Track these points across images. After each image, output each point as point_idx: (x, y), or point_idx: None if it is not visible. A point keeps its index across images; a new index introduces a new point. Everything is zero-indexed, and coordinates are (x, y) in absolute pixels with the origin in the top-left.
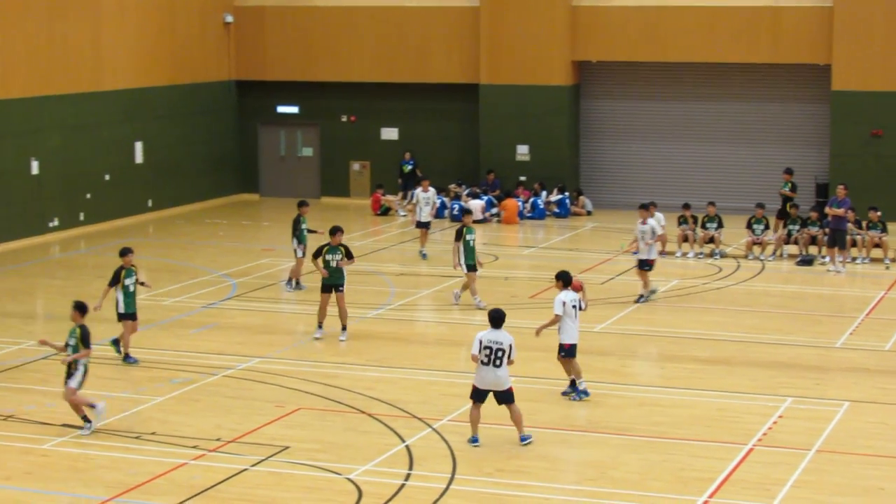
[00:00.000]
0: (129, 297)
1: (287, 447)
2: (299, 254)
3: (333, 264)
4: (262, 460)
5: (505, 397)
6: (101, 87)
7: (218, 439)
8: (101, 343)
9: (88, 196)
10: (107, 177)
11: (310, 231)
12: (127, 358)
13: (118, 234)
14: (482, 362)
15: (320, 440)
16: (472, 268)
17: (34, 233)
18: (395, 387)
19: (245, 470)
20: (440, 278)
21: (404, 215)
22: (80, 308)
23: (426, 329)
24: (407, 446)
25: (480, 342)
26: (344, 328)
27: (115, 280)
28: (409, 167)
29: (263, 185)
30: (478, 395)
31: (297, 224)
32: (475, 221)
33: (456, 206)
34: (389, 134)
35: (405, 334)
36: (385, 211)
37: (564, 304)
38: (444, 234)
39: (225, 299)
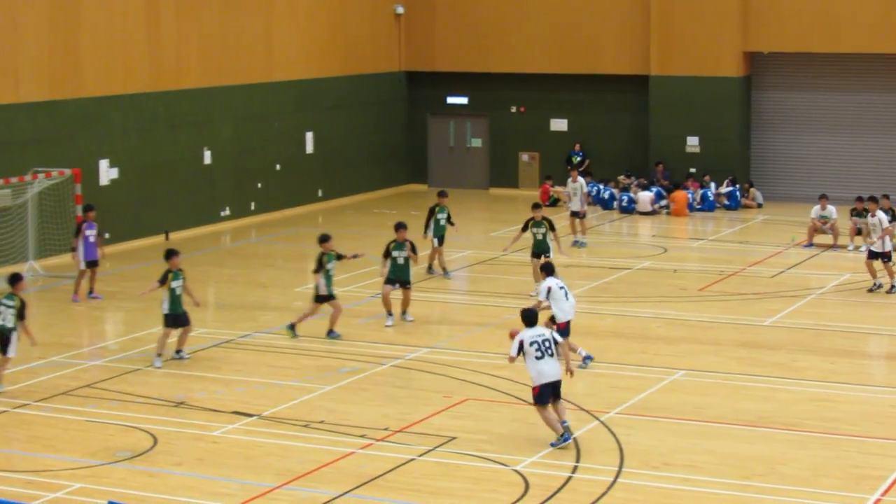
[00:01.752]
0: (176, 299)
1: (454, 437)
2: (436, 243)
3: (400, 261)
4: (429, 450)
5: (559, 389)
6: (272, 78)
7: (385, 429)
8: (272, 330)
9: (259, 185)
10: (277, 166)
11: (450, 223)
12: (178, 353)
13: (288, 223)
14: (536, 357)
15: (487, 431)
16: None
17: (206, 222)
18: (564, 379)
19: (412, 460)
20: (607, 270)
21: None
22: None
23: (595, 321)
24: (574, 438)
25: (522, 342)
26: (405, 312)
27: (163, 280)
28: (578, 158)
29: (432, 175)
30: (546, 394)
31: (431, 214)
32: (644, 213)
33: (625, 198)
34: (559, 125)
35: (574, 326)
36: (554, 202)
37: (550, 289)
38: (612, 225)
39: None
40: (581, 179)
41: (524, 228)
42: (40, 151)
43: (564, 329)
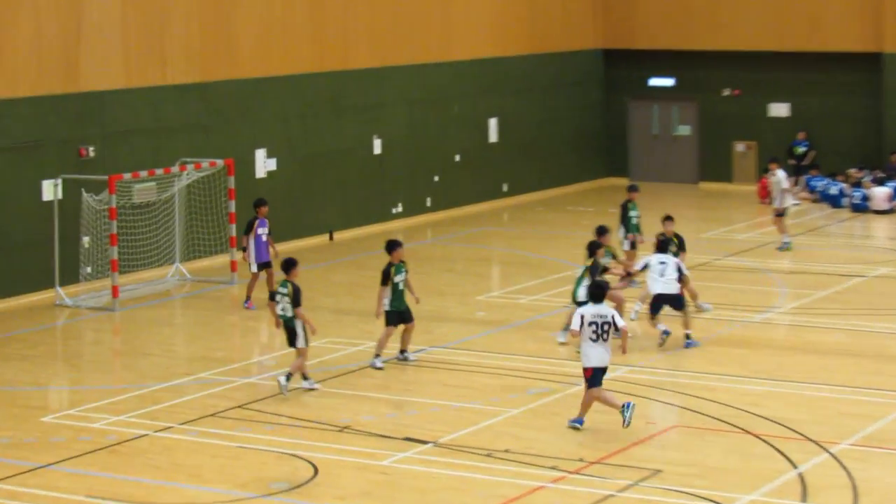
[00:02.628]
0: (399, 294)
1: (659, 471)
2: (626, 246)
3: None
4: (631, 485)
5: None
6: (450, 57)
7: (580, 459)
8: (450, 344)
9: (436, 179)
10: (457, 157)
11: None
12: (403, 354)
13: (469, 222)
14: (591, 339)
15: (698, 463)
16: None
17: (376, 220)
18: (785, 403)
19: (611, 496)
20: (835, 278)
21: (797, 203)
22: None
23: (822, 336)
24: (800, 474)
25: (583, 317)
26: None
27: (386, 277)
28: (803, 149)
29: (633, 167)
30: (599, 376)
31: (624, 211)
32: (879, 212)
33: (857, 194)
34: (778, 110)
35: (797, 342)
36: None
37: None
38: (842, 225)
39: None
40: (780, 173)
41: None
42: (189, 140)
43: (656, 305)
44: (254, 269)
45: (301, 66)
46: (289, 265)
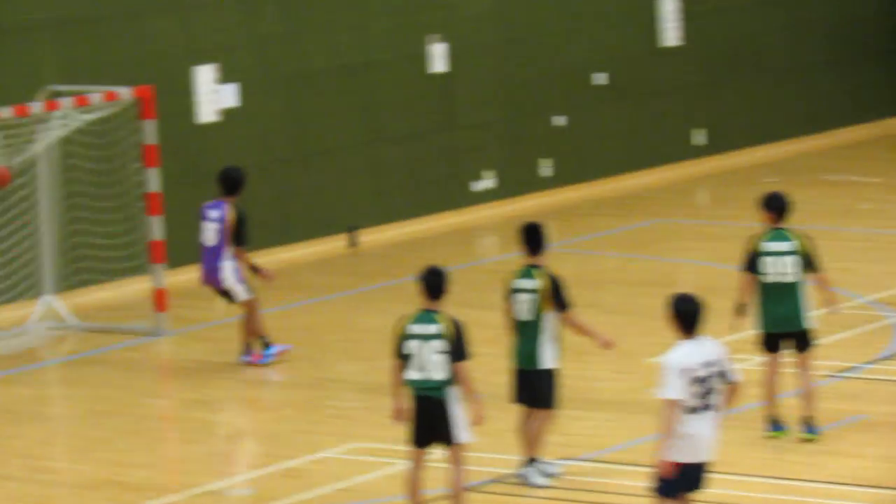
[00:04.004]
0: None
1: None
2: None
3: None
4: None
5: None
6: None
7: None
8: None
9: (560, 122)
10: (599, 78)
11: None
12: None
13: (627, 205)
14: (692, 408)
15: None
16: None
17: (438, 206)
18: None
19: None
20: None
21: None
22: None
23: None
24: None
25: (684, 371)
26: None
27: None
28: None
29: None
30: (683, 482)
31: None
32: None
33: None
34: None
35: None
36: None
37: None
38: None
39: None
40: None
41: None
42: (64, 49)
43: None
44: (243, 295)
45: None
46: (436, 282)
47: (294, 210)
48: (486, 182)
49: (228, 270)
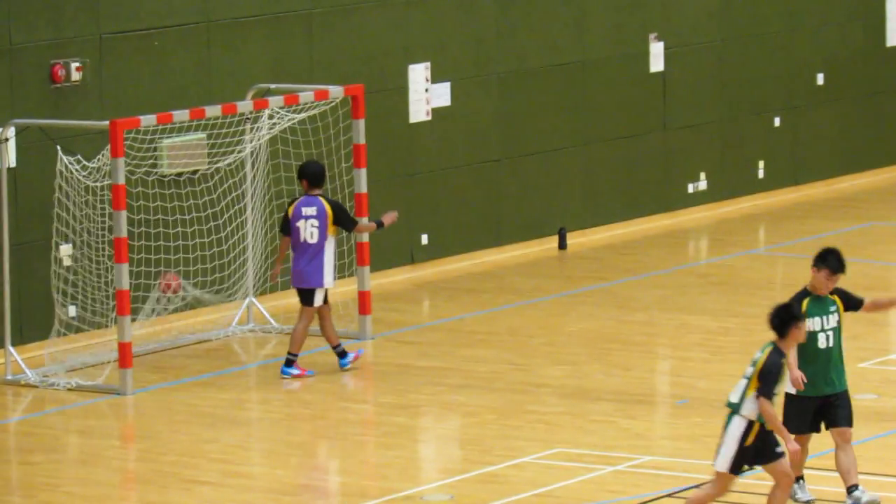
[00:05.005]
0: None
1: None
2: None
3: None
4: None
5: None
6: None
7: None
8: None
9: (776, 123)
10: (820, 78)
11: None
12: None
13: (848, 211)
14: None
15: None
16: None
17: (653, 208)
18: None
19: None
20: None
21: None
22: None
23: None
24: None
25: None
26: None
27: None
28: None
29: None
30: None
31: None
32: None
33: None
34: None
35: None
36: None
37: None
38: None
39: None
40: None
41: None
42: (267, 48)
43: None
44: (320, 300)
45: None
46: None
47: (504, 212)
48: (699, 183)
49: (328, 269)
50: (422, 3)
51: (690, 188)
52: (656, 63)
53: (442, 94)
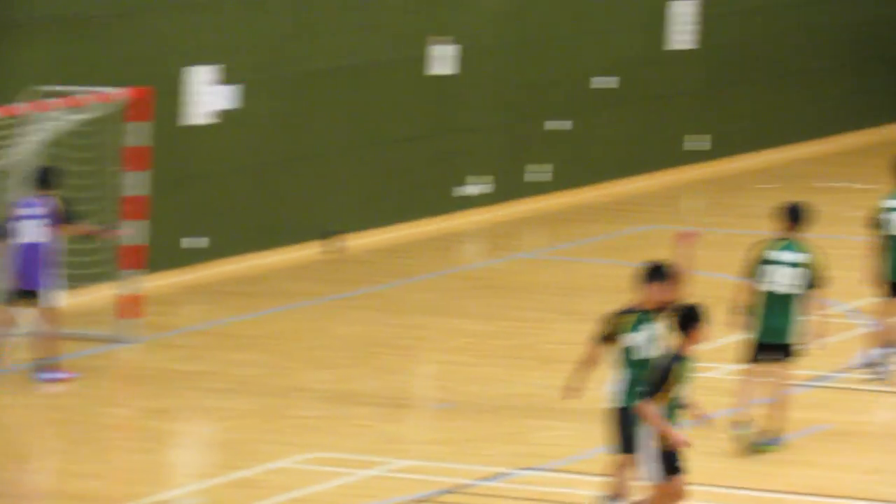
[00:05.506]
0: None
1: None
2: None
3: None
4: None
5: None
6: None
7: None
8: None
9: (565, 126)
10: (605, 81)
11: None
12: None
13: (624, 211)
14: None
15: None
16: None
17: (428, 210)
18: None
19: None
20: None
21: None
22: None
23: None
24: None
25: None
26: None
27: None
28: None
29: None
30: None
31: None
32: None
33: None
34: None
35: None
36: None
37: None
38: None
39: None
40: None
41: None
42: (52, 49)
43: None
44: (49, 301)
45: None
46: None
47: (279, 215)
48: (479, 186)
49: (52, 271)
50: (206, 7)
51: (468, 191)
52: (439, 66)
53: (229, 97)
